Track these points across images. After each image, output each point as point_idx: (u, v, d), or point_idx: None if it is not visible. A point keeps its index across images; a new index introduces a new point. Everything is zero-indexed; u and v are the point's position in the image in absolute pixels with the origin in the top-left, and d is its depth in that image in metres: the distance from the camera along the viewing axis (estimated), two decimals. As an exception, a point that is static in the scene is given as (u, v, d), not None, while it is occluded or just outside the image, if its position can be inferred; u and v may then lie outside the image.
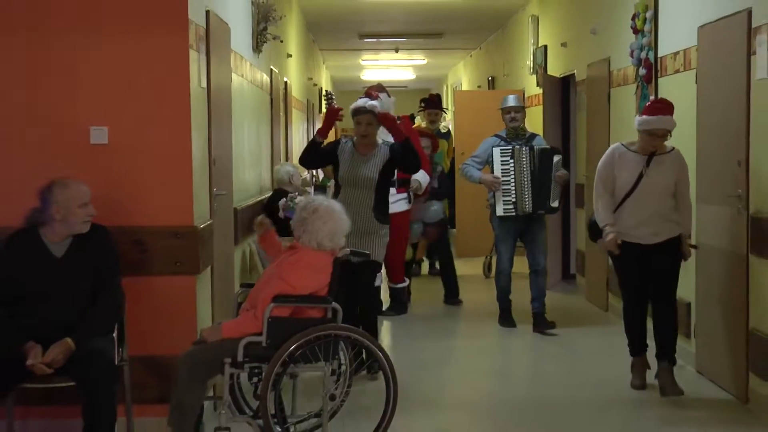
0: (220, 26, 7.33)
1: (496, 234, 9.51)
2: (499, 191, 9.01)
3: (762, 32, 6.46)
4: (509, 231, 9.27)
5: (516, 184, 8.98)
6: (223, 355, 5.46)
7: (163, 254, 6.11)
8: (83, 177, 5.71)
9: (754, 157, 6.59)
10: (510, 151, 9.05)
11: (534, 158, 9.00)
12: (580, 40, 11.54)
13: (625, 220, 6.99)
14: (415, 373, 7.51)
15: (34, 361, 5.24)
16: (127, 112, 6.12)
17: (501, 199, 9.03)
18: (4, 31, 6.07)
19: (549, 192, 8.99)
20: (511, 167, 9.01)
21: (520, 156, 9.00)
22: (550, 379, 7.77)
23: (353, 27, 18.05)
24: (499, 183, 9.01)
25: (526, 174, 8.97)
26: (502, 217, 9.14)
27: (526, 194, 8.97)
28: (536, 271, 9.28)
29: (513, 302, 9.59)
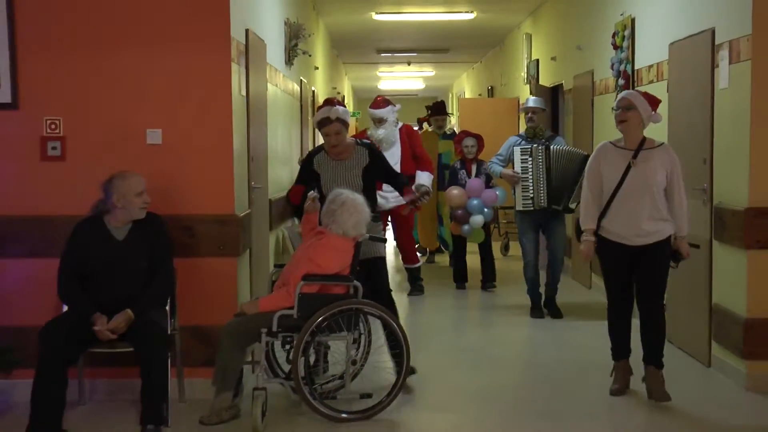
0: (257, 43, 7.35)
1: (518, 227, 9.00)
2: (518, 186, 8.57)
3: (724, 48, 6.47)
4: (530, 224, 8.74)
5: (533, 180, 8.49)
6: (260, 325, 5.49)
7: (208, 239, 6.12)
8: (141, 172, 5.71)
9: (717, 156, 6.61)
10: (529, 150, 8.59)
11: (551, 157, 8.48)
12: (567, 55, 11.53)
13: (613, 220, 6.03)
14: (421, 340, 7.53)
15: (101, 328, 5.30)
16: (178, 117, 6.13)
17: (520, 195, 8.59)
18: (80, 50, 6.08)
19: (571, 192, 8.34)
20: (529, 165, 8.53)
21: (537, 155, 8.51)
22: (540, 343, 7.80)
23: (371, 44, 18.03)
24: (518, 178, 8.55)
25: (542, 172, 8.46)
26: (522, 211, 8.66)
27: (541, 190, 8.47)
28: (553, 262, 8.73)
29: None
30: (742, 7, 6.19)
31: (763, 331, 6.16)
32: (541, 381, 6.65)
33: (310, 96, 12.51)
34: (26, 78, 6.11)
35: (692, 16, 7.13)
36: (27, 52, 6.10)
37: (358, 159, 6.46)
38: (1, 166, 6.14)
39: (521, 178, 8.53)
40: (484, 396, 6.17)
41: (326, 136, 6.40)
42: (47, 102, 6.14)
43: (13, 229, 6.12)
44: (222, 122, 6.17)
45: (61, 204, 6.06)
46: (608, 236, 6.07)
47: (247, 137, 6.79)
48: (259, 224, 7.28)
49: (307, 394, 5.57)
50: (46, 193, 6.13)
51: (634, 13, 8.66)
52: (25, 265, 6.11)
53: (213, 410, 5.56)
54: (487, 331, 8.66)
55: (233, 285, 6.21)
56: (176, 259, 5.79)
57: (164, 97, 6.13)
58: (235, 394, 5.63)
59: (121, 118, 6.13)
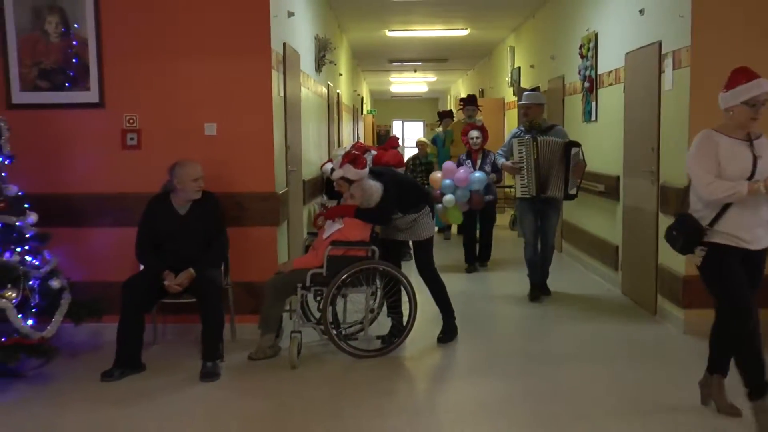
0: (293, 54, 7.34)
1: (518, 213, 8.04)
2: (518, 176, 7.50)
3: (668, 57, 6.42)
4: (529, 209, 7.58)
5: (526, 170, 7.42)
6: (297, 281, 5.52)
7: (254, 212, 6.12)
8: (200, 158, 5.74)
9: (663, 145, 6.57)
10: (525, 142, 7.50)
11: (539, 148, 7.34)
12: (543, 63, 11.46)
13: (735, 221, 4.25)
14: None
15: (170, 283, 5.36)
16: (229, 113, 6.12)
17: (519, 183, 7.52)
18: (152, 59, 6.09)
19: (566, 180, 7.28)
20: (525, 155, 7.43)
21: (528, 146, 7.41)
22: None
23: (385, 55, 17.95)
24: (517, 169, 7.46)
25: (531, 162, 7.37)
26: (521, 198, 7.59)
27: (532, 180, 7.38)
28: (545, 247, 7.65)
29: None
30: (683, 24, 6.15)
31: (697, 286, 6.09)
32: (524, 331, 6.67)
33: (336, 97, 12.48)
34: (110, 83, 6.12)
35: (644, 31, 7.08)
36: (110, 62, 6.10)
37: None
38: (91, 154, 6.17)
39: (519, 168, 7.46)
40: (476, 338, 6.18)
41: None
42: (127, 102, 6.14)
43: (100, 205, 6.15)
44: (264, 118, 6.16)
45: (137, 184, 6.07)
46: (724, 241, 4.29)
47: (284, 130, 6.78)
48: (294, 200, 7.28)
49: (334, 336, 5.62)
50: (126, 176, 6.14)
51: (597, 29, 8.60)
52: (110, 233, 6.14)
53: (259, 348, 5.60)
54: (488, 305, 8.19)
55: (274, 249, 6.21)
56: (228, 228, 5.80)
57: (219, 97, 6.12)
58: (276, 335, 5.65)
59: (184, 114, 6.13)
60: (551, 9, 11.06)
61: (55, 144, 6.14)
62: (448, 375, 5.48)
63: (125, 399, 4.86)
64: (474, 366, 5.55)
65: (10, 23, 6.02)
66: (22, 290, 4.98)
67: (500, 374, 5.30)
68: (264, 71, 6.13)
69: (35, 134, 6.07)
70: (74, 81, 6.09)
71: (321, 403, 4.76)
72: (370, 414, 4.57)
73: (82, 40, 6.05)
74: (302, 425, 4.43)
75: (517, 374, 5.31)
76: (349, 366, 5.47)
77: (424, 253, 6.10)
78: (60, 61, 6.06)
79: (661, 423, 4.39)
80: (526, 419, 4.49)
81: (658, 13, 6.74)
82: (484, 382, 5.17)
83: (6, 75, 6.07)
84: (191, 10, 6.06)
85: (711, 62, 6.02)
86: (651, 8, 6.92)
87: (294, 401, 4.81)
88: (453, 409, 4.75)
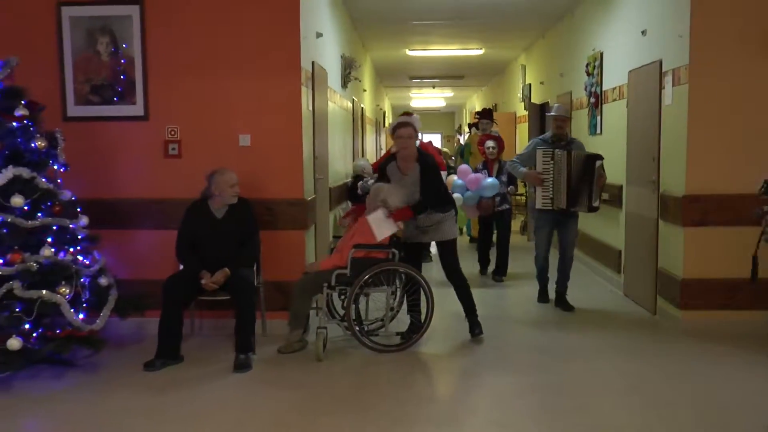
0: (321, 71, 7.34)
1: (534, 222, 7.38)
2: (540, 187, 6.91)
3: (668, 75, 6.39)
4: (546, 221, 7.02)
5: (554, 183, 6.82)
6: (323, 281, 5.51)
7: (284, 216, 6.12)
8: (234, 167, 5.75)
9: (663, 156, 6.52)
10: (551, 153, 6.88)
11: (572, 162, 6.78)
12: (552, 80, 11.42)
13: None
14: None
15: (207, 281, 5.37)
16: (262, 126, 6.13)
17: (540, 194, 6.92)
18: (192, 76, 6.11)
19: (590, 193, 6.73)
20: (551, 167, 6.83)
21: (560, 159, 6.80)
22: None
23: (405, 72, 17.93)
24: (542, 180, 6.87)
25: (563, 175, 6.78)
26: (540, 209, 7.00)
27: (562, 193, 6.79)
28: (564, 259, 7.05)
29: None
30: (682, 45, 6.11)
31: (694, 288, 6.11)
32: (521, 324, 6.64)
33: (360, 111, 12.49)
34: (154, 97, 6.15)
35: (645, 50, 7.04)
36: (154, 78, 6.14)
37: (416, 175, 5.82)
38: (136, 162, 6.20)
39: (543, 178, 6.88)
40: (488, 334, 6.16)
41: (399, 138, 5.80)
42: (169, 115, 6.17)
43: (144, 208, 6.18)
44: (294, 130, 6.16)
45: (178, 190, 6.09)
46: None
47: (312, 141, 6.77)
48: (321, 205, 7.27)
49: (357, 332, 5.62)
50: (167, 182, 6.17)
51: (602, 49, 8.55)
52: (153, 235, 6.16)
53: (287, 342, 5.61)
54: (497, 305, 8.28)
55: (302, 251, 6.21)
56: (261, 231, 5.80)
57: (252, 111, 6.13)
58: (303, 330, 5.66)
59: (221, 127, 6.14)
60: (560, 30, 11.02)
61: (105, 153, 6.18)
62: (462, 368, 5.46)
63: (165, 387, 4.89)
64: (486, 360, 5.53)
65: (67, 44, 6.10)
66: (74, 287, 5.02)
67: (511, 368, 5.28)
68: (294, 87, 6.14)
69: (87, 144, 6.11)
70: (122, 96, 6.14)
71: (344, 393, 4.77)
72: (390, 403, 4.57)
73: (130, 59, 6.11)
74: (327, 413, 4.44)
75: (526, 368, 5.29)
76: (371, 359, 5.47)
77: (449, 254, 6.01)
78: (109, 78, 6.13)
79: (658, 417, 4.36)
80: (535, 409, 4.48)
81: (659, 33, 6.70)
82: (495, 375, 5.15)
83: (62, 90, 6.14)
84: (229, 32, 6.09)
85: (708, 79, 6.00)
86: (652, 29, 6.88)
87: (320, 391, 4.82)
88: (467, 399, 4.75)
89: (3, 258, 4.88)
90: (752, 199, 5.71)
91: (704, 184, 6.04)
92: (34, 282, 4.88)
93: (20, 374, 4.98)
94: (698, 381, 4.96)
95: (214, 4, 6.08)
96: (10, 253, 4.89)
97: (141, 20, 6.07)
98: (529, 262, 7.84)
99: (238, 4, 6.07)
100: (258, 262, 5.85)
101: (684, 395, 4.66)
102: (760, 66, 5.98)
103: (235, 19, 6.07)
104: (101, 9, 6.07)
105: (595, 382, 5.00)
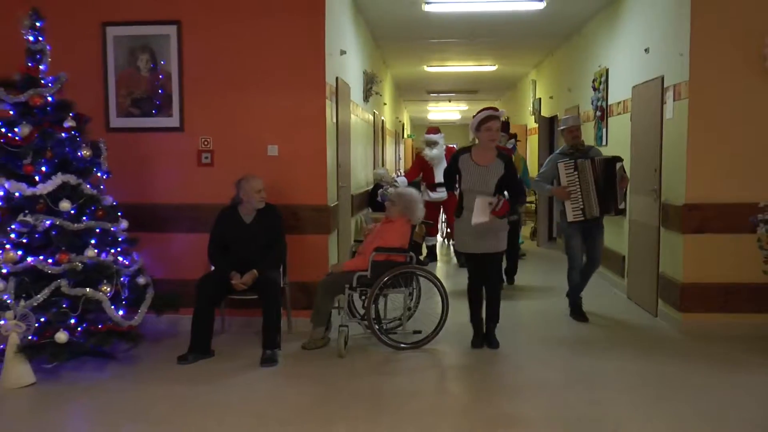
0: (344, 86, 7.36)
1: (566, 236, 6.71)
2: (568, 200, 6.42)
3: (669, 90, 6.37)
4: (578, 232, 6.54)
5: (582, 192, 6.37)
6: (345, 282, 5.54)
7: (309, 221, 6.15)
8: (263, 175, 5.77)
9: (664, 167, 6.50)
10: (573, 164, 6.40)
11: (596, 168, 6.40)
12: (560, 95, 11.39)
13: None
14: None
15: (236, 281, 5.40)
16: (289, 137, 6.16)
17: (570, 207, 6.42)
18: (224, 91, 6.17)
19: (615, 196, 6.41)
20: (576, 178, 6.38)
21: (584, 168, 6.37)
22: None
23: (423, 87, 17.93)
24: (569, 193, 6.39)
25: (591, 183, 6.37)
26: (572, 221, 6.49)
27: (593, 201, 6.38)
28: (594, 263, 6.63)
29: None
30: (682, 62, 6.09)
31: (694, 292, 6.08)
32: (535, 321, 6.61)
33: (380, 123, 12.51)
34: (189, 110, 6.21)
35: (648, 67, 7.02)
36: (190, 92, 6.20)
37: (497, 168, 5.51)
38: (172, 170, 6.25)
39: (570, 191, 6.40)
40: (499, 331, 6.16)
41: (488, 131, 5.49)
42: (202, 126, 6.22)
43: (178, 213, 6.24)
44: (319, 141, 6.18)
45: (210, 196, 6.14)
46: None
47: (336, 151, 6.80)
48: (344, 212, 7.29)
49: (376, 330, 5.63)
50: (200, 189, 6.22)
51: (608, 65, 8.53)
52: (186, 238, 6.22)
53: (311, 339, 5.63)
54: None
55: (326, 254, 6.23)
56: (287, 235, 5.83)
57: (280, 123, 6.16)
58: (326, 328, 5.68)
59: (250, 137, 6.18)
60: (568, 48, 11.00)
61: (143, 162, 6.25)
62: (473, 363, 5.45)
63: (197, 379, 4.94)
64: (497, 355, 5.54)
65: (110, 61, 6.20)
66: (115, 285, 5.08)
67: (520, 363, 5.29)
68: (319, 101, 6.15)
69: (127, 153, 6.18)
70: (159, 108, 6.22)
71: (364, 387, 4.79)
72: (407, 396, 4.59)
73: (167, 74, 6.19)
74: (348, 405, 4.46)
75: (535, 363, 5.29)
76: (389, 356, 5.48)
77: (498, 264, 5.71)
78: (148, 92, 6.21)
79: (660, 410, 4.35)
80: (543, 400, 4.48)
81: (661, 51, 6.68)
82: (505, 368, 5.16)
83: (106, 103, 6.22)
84: (258, 49, 6.14)
85: (707, 95, 5.98)
86: (655, 47, 6.87)
87: (341, 385, 4.84)
88: (478, 390, 4.76)
89: (52, 258, 4.96)
90: (748, 207, 5.69)
91: (703, 193, 6.02)
92: (79, 280, 4.95)
93: (67, 365, 5.06)
94: (696, 379, 4.93)
95: (245, 24, 6.14)
96: (58, 253, 4.97)
97: (178, 39, 6.15)
98: (537, 266, 7.83)
99: (268, 24, 6.12)
100: (284, 264, 5.86)
101: (683, 392, 4.63)
102: (756, 83, 5.95)
103: (265, 38, 6.12)
104: (142, 29, 6.16)
105: (601, 377, 4.99)
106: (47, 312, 4.87)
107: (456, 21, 9.52)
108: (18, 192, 4.99)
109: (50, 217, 4.98)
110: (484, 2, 8.41)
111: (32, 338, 4.83)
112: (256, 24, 6.13)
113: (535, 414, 4.31)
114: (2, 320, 4.79)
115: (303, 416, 4.29)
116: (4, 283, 4.86)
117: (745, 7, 5.95)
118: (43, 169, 5.05)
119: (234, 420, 4.22)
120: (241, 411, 4.36)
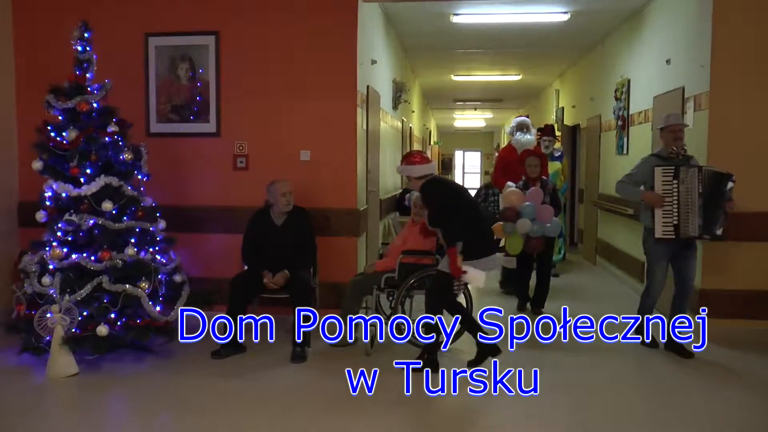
0: (374, 94, 7.38)
1: (650, 255, 5.49)
2: (659, 212, 5.27)
3: (690, 101, 6.33)
4: (665, 252, 5.38)
5: (680, 206, 5.20)
6: (372, 283, 5.54)
7: (340, 224, 6.18)
8: (295, 180, 5.80)
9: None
10: (672, 171, 5.22)
11: (704, 180, 5.18)
12: (583, 104, 11.34)
13: None
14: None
15: (268, 281, 5.42)
16: (321, 142, 6.19)
17: (661, 221, 5.25)
18: (259, 98, 6.23)
19: (718, 218, 5.20)
20: (675, 188, 5.20)
21: (687, 177, 5.19)
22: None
23: (450, 96, 17.95)
24: (663, 200, 5.23)
25: (695, 196, 5.18)
26: (660, 239, 5.32)
27: (691, 217, 5.19)
28: (685, 294, 5.42)
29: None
30: (703, 73, 6.06)
31: (711, 298, 6.02)
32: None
33: (408, 130, 12.54)
34: (225, 116, 6.29)
35: (669, 78, 6.98)
36: (226, 100, 6.27)
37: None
38: (209, 174, 6.33)
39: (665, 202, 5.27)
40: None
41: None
42: (238, 132, 6.28)
43: (215, 215, 6.31)
44: (350, 147, 6.21)
45: (244, 199, 6.19)
46: None
47: (366, 157, 6.82)
48: (372, 215, 7.31)
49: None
50: (235, 192, 6.28)
51: (629, 76, 8.49)
52: (222, 238, 6.28)
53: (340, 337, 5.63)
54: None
55: (355, 255, 6.25)
56: (318, 237, 5.84)
57: (313, 129, 6.20)
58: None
59: (284, 143, 6.22)
60: (591, 58, 10.95)
61: (181, 165, 6.33)
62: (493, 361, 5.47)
63: (229, 373, 4.98)
64: (518, 355, 5.52)
65: (152, 70, 6.31)
66: (153, 282, 5.15)
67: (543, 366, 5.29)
68: (350, 109, 6.19)
69: (166, 157, 6.26)
70: (197, 115, 6.31)
71: (390, 383, 4.79)
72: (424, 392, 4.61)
73: (205, 82, 6.29)
74: (374, 400, 4.49)
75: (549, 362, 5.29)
76: (414, 354, 5.45)
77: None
78: (187, 99, 6.30)
79: (680, 404, 4.33)
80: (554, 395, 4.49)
81: (682, 63, 6.64)
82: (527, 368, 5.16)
83: (147, 109, 6.33)
84: (293, 58, 6.20)
85: (727, 106, 5.94)
86: (676, 59, 6.83)
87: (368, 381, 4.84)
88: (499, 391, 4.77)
89: (94, 255, 5.07)
90: (766, 216, 5.61)
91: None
92: (119, 277, 5.04)
93: (107, 357, 5.16)
94: (713, 380, 4.89)
95: (280, 34, 6.20)
96: (101, 251, 5.08)
97: (216, 49, 6.25)
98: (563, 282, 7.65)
99: (302, 34, 6.18)
100: (314, 265, 5.87)
101: (698, 393, 4.60)
102: (777, 94, 5.90)
103: (299, 48, 6.18)
104: (182, 39, 6.27)
105: (622, 380, 4.97)
106: (89, 306, 4.98)
107: (483, 32, 9.54)
108: (65, 193, 5.12)
109: (93, 216, 5.09)
110: (510, 14, 8.43)
111: (76, 331, 4.94)
112: (290, 34, 6.19)
113: (555, 416, 4.30)
114: (48, 313, 4.92)
115: (330, 409, 4.32)
116: (51, 278, 4.99)
117: (766, 20, 5.89)
118: (88, 171, 5.16)
119: (264, 412, 4.26)
120: (271, 404, 4.40)
